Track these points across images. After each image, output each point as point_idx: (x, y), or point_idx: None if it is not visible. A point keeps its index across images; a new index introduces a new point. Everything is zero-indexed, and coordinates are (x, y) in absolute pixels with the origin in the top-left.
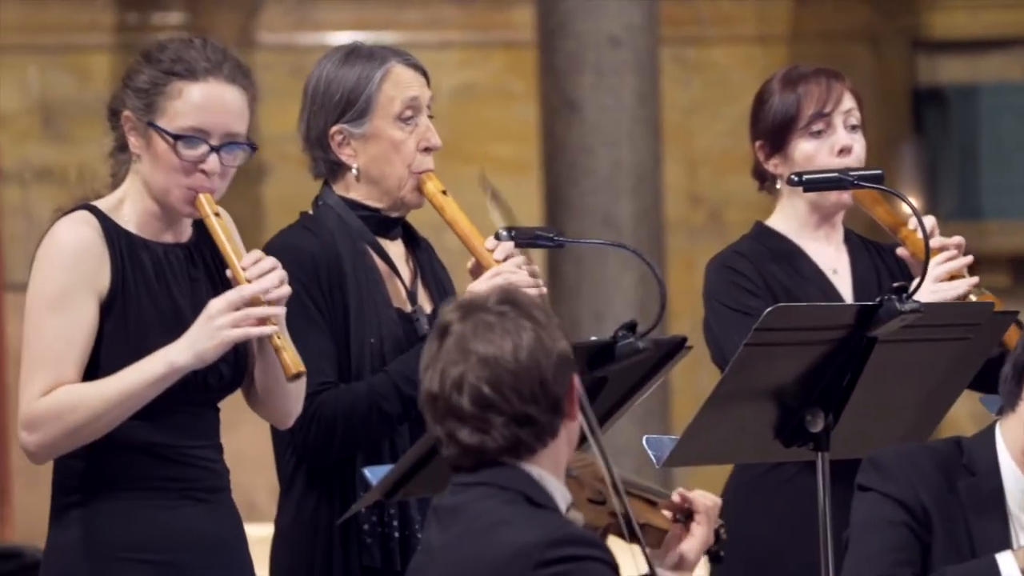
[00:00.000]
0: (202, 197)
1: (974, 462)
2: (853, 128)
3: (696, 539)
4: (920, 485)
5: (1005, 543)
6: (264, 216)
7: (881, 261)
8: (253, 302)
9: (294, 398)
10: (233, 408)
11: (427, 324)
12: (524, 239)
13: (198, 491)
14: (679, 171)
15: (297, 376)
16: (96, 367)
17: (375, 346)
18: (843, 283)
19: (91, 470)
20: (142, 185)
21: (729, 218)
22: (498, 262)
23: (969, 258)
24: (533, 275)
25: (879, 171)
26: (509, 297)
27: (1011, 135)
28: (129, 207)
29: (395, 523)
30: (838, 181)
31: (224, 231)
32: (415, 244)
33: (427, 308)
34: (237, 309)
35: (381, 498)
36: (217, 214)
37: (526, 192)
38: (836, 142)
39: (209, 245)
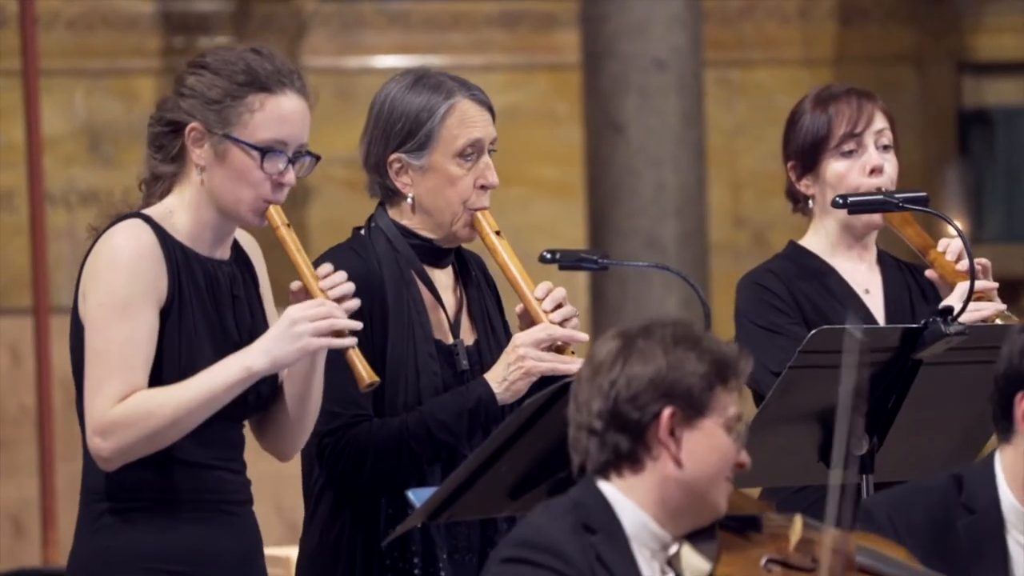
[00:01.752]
0: (272, 209)
1: (973, 498)
2: (885, 148)
3: None
4: (906, 535)
5: None
6: (308, 238)
7: (914, 281)
8: (333, 315)
9: (307, 429)
10: None
11: (466, 357)
12: (568, 261)
13: (228, 504)
14: (723, 193)
15: (371, 385)
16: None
17: (411, 378)
18: (875, 303)
19: (123, 480)
20: (199, 196)
21: (773, 240)
22: (547, 312)
23: (996, 284)
24: (574, 327)
25: (924, 194)
26: (647, 325)
27: None
28: (181, 218)
29: (416, 559)
30: (883, 203)
31: (295, 242)
32: (466, 274)
33: (470, 340)
34: (317, 320)
35: (425, 520)
36: (288, 225)
37: (570, 214)
38: (867, 162)
39: (246, 265)
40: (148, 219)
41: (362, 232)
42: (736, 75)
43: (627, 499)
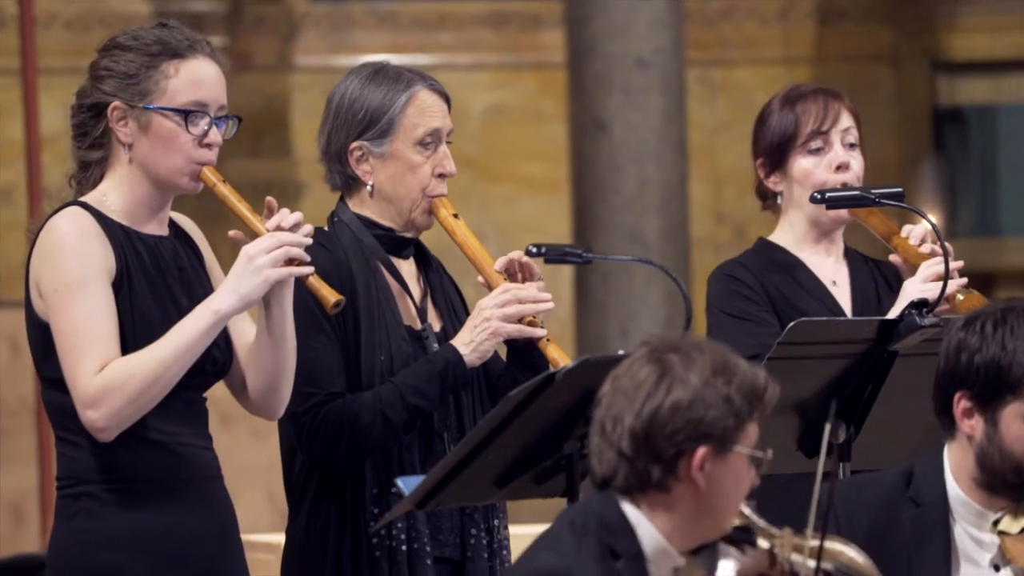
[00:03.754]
0: (206, 169)
1: (921, 492)
2: (851, 146)
3: None
4: (853, 516)
5: (945, 569)
6: None
7: (879, 274)
8: (286, 243)
9: (290, 378)
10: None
11: (436, 342)
12: (553, 255)
13: (199, 480)
14: (705, 189)
15: (337, 305)
16: None
17: (384, 363)
18: (842, 294)
19: (96, 462)
20: (131, 174)
21: (753, 235)
22: (506, 280)
23: (960, 263)
24: (541, 291)
25: (900, 189)
26: (685, 349)
27: None
28: (115, 200)
29: (403, 537)
30: (860, 199)
31: (234, 194)
32: (426, 264)
33: (436, 326)
34: (272, 251)
35: (413, 507)
36: (224, 181)
37: (555, 210)
38: (833, 159)
39: (186, 240)
40: (84, 204)
41: (326, 228)
42: (717, 74)
43: (649, 523)
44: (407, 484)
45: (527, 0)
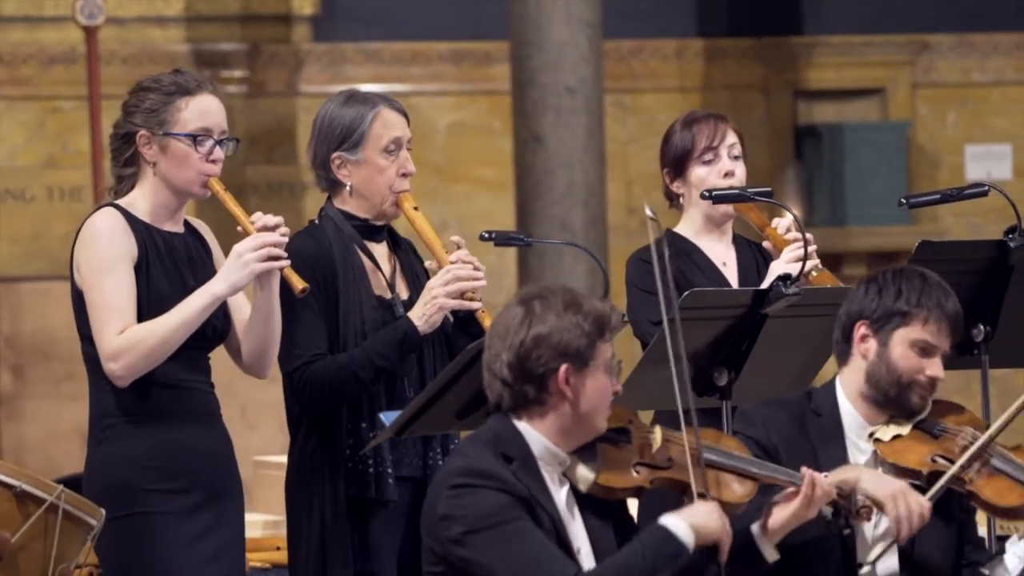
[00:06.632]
0: (213, 180)
1: (819, 406)
2: (736, 158)
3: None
4: (772, 428)
5: (845, 462)
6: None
7: (761, 256)
8: (267, 244)
9: (275, 345)
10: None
11: (403, 308)
12: (501, 240)
13: (201, 415)
14: (619, 189)
15: (303, 291)
16: None
17: (357, 326)
18: (731, 273)
19: (118, 401)
20: (155, 185)
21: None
22: (452, 263)
23: (814, 247)
24: (476, 269)
25: (770, 189)
26: (542, 293)
27: (869, 162)
28: (141, 204)
29: (369, 460)
30: (739, 196)
31: (233, 200)
32: (397, 245)
33: (404, 295)
34: (257, 250)
35: (394, 435)
36: (226, 190)
37: (503, 205)
38: (722, 168)
39: (196, 236)
40: (116, 206)
41: (315, 221)
42: (628, 99)
43: (534, 431)
44: (388, 418)
45: (480, 42)
